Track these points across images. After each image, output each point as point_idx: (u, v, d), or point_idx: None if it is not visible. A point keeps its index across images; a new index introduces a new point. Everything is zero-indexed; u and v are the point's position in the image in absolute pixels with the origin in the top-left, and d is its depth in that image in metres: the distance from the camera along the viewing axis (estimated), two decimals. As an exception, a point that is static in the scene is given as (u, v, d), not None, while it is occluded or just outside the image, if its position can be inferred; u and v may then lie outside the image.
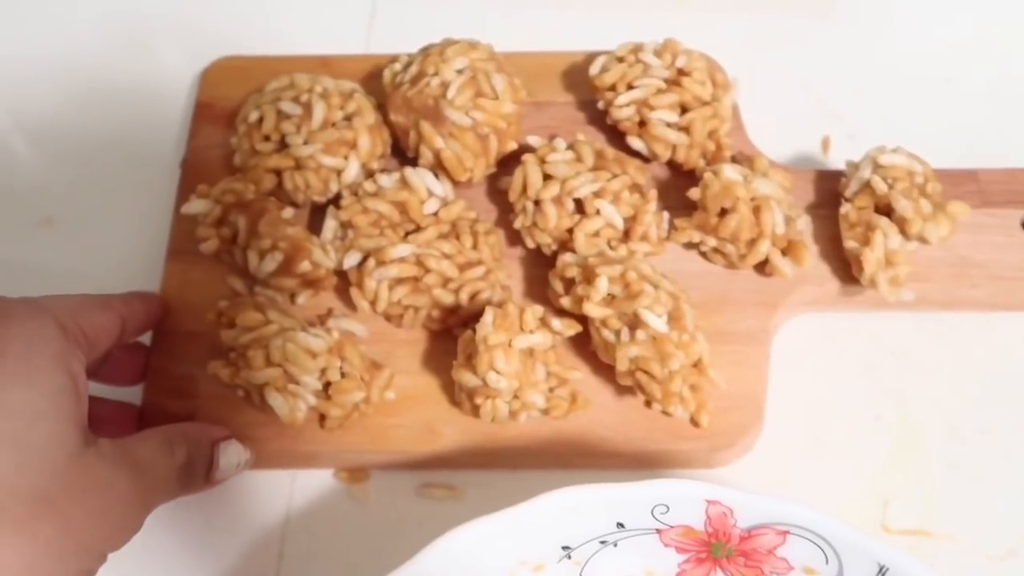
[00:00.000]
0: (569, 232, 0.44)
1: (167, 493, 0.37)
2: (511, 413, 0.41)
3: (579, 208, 0.44)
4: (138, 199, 0.51)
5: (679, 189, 0.46)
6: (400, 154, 0.48)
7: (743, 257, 0.44)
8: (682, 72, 0.47)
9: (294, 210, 0.45)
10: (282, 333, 0.41)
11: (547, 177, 0.44)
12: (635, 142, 0.47)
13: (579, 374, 0.42)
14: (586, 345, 0.43)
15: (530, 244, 0.45)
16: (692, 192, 0.45)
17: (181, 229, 0.47)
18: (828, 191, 0.47)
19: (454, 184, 0.46)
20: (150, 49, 0.57)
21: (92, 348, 0.37)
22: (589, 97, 0.49)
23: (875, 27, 0.56)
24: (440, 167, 0.46)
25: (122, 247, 0.50)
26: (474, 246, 0.45)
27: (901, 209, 0.43)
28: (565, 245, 0.44)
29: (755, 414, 0.42)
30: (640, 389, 0.41)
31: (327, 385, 0.41)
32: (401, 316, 0.44)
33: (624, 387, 0.42)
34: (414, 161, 0.47)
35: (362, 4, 0.58)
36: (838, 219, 0.45)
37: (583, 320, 0.42)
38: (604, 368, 0.43)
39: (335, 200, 0.46)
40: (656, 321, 0.40)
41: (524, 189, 0.45)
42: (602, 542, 0.36)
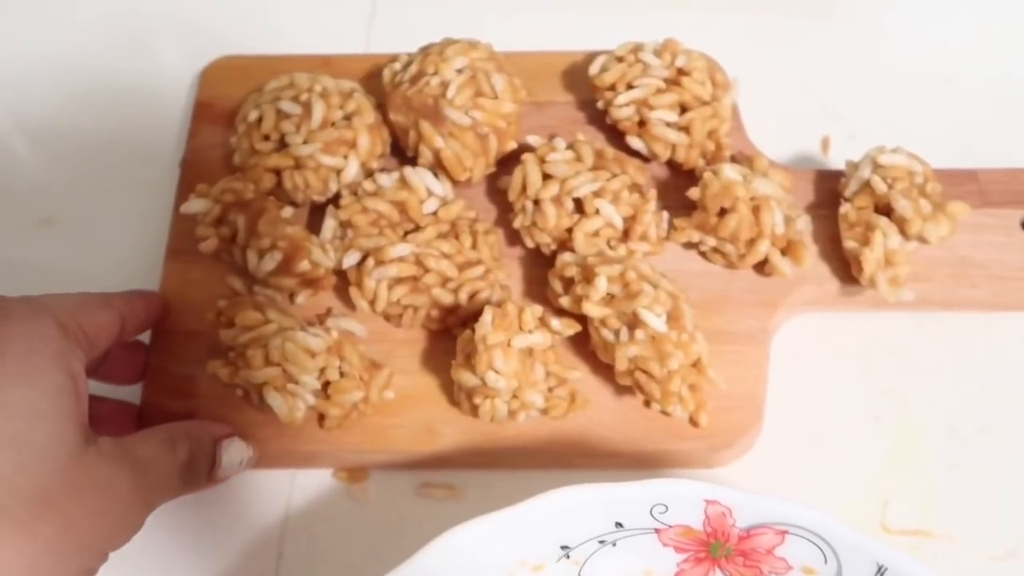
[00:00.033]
0: (568, 232, 0.44)
1: (169, 492, 0.37)
2: (510, 413, 0.41)
3: (578, 208, 0.44)
4: (138, 199, 0.51)
5: (679, 189, 0.46)
6: (400, 153, 0.48)
7: (742, 257, 0.44)
8: (682, 72, 0.47)
9: (293, 209, 0.45)
10: (281, 332, 0.41)
11: (547, 177, 0.44)
12: (635, 142, 0.47)
13: (578, 374, 0.42)
14: (585, 345, 0.43)
15: (529, 244, 0.45)
16: (692, 192, 0.45)
17: (181, 228, 0.47)
18: (828, 191, 0.47)
19: (453, 183, 0.46)
20: (150, 49, 0.57)
21: (92, 347, 0.37)
22: (589, 97, 0.49)
23: (875, 27, 0.56)
24: (440, 166, 0.46)
25: (122, 246, 0.50)
26: (473, 246, 0.45)
27: (901, 209, 0.43)
28: (564, 245, 0.44)
29: (754, 414, 0.42)
30: (639, 389, 0.41)
31: (326, 385, 0.41)
32: (400, 316, 0.44)
33: (623, 387, 0.42)
34: (414, 160, 0.47)
35: (362, 4, 0.58)
36: (838, 219, 0.45)
37: (582, 320, 0.42)
38: (603, 368, 0.43)
39: (334, 199, 0.46)
40: (655, 321, 0.40)
41: (523, 189, 0.45)
42: (601, 542, 0.36)
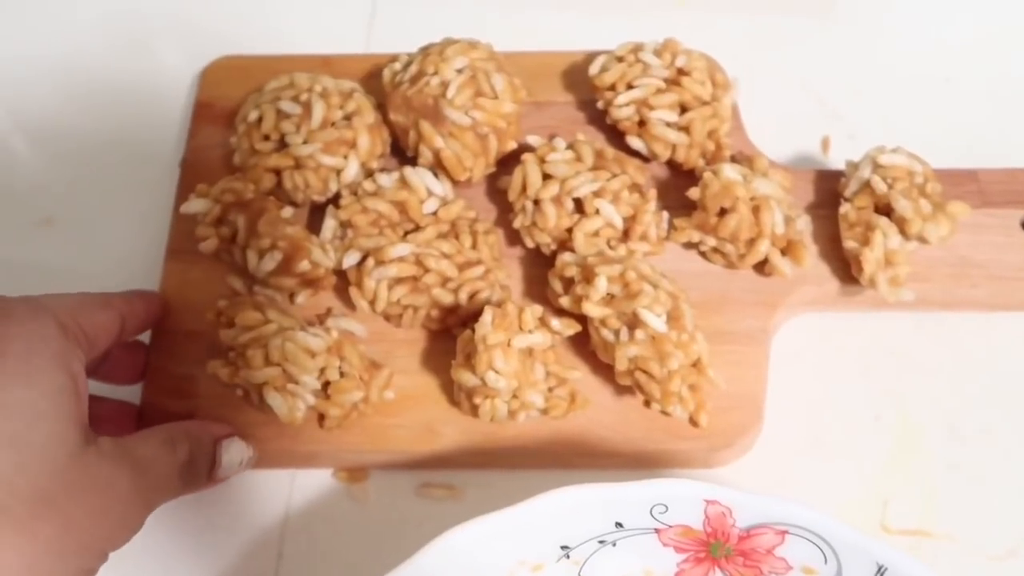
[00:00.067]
0: (568, 232, 0.44)
1: (169, 492, 0.37)
2: (510, 413, 0.41)
3: (578, 208, 0.44)
4: (138, 199, 0.51)
5: (679, 189, 0.46)
6: (400, 153, 0.48)
7: (742, 257, 0.44)
8: (682, 72, 0.47)
9: (293, 209, 0.45)
10: (281, 332, 0.41)
11: (546, 177, 0.44)
12: (635, 142, 0.47)
13: (578, 374, 0.42)
14: (585, 345, 0.43)
15: (529, 244, 0.45)
16: (692, 192, 0.45)
17: (180, 228, 0.47)
18: (828, 191, 0.47)
19: (453, 183, 0.46)
20: (150, 49, 0.57)
21: (92, 347, 0.37)
22: (589, 97, 0.49)
23: (875, 27, 0.56)
24: (440, 166, 0.46)
25: (122, 246, 0.50)
26: (473, 246, 0.45)
27: (901, 209, 0.43)
28: (564, 245, 0.44)
29: (754, 414, 0.42)
30: (639, 389, 0.41)
31: (326, 385, 0.41)
32: (400, 316, 0.44)
33: (623, 387, 0.42)
34: (413, 160, 0.47)
35: (362, 4, 0.58)
36: (838, 219, 0.45)
37: (582, 320, 0.42)
38: (603, 368, 0.43)
39: (334, 199, 0.46)
40: (655, 321, 0.40)
41: (523, 189, 0.45)
42: (601, 542, 0.36)
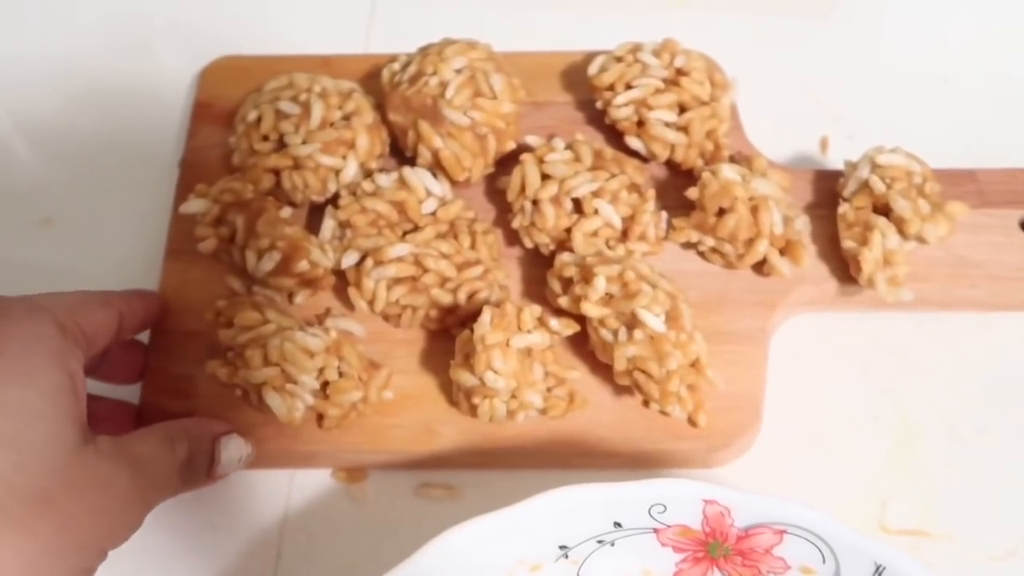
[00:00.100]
0: (567, 232, 0.44)
1: (168, 490, 0.37)
2: (509, 413, 0.41)
3: (577, 208, 0.44)
4: (137, 199, 0.51)
5: (677, 189, 0.46)
6: (398, 154, 0.48)
7: (741, 257, 0.44)
8: (680, 72, 0.47)
9: (292, 209, 0.45)
10: (280, 332, 0.41)
11: (545, 177, 0.44)
12: (633, 142, 0.47)
13: (577, 374, 0.42)
14: (584, 345, 0.43)
15: (528, 244, 0.45)
16: (690, 192, 0.45)
17: (180, 229, 0.47)
18: (826, 191, 0.47)
19: (452, 184, 0.46)
20: (149, 50, 0.57)
21: (90, 346, 0.37)
22: (588, 97, 0.49)
23: (874, 27, 0.56)
24: (438, 167, 0.46)
25: (121, 247, 0.50)
26: (472, 246, 0.45)
27: (899, 209, 0.43)
28: (563, 245, 0.44)
29: (753, 414, 0.42)
30: (638, 389, 0.41)
31: (325, 385, 0.41)
32: (399, 316, 0.44)
33: (622, 387, 0.42)
34: (412, 161, 0.47)
35: (361, 4, 0.58)
36: (836, 219, 0.45)
37: (581, 320, 0.42)
38: (602, 368, 0.43)
39: (333, 200, 0.46)
40: (654, 321, 0.40)
41: (522, 189, 0.45)
42: (599, 541, 0.36)
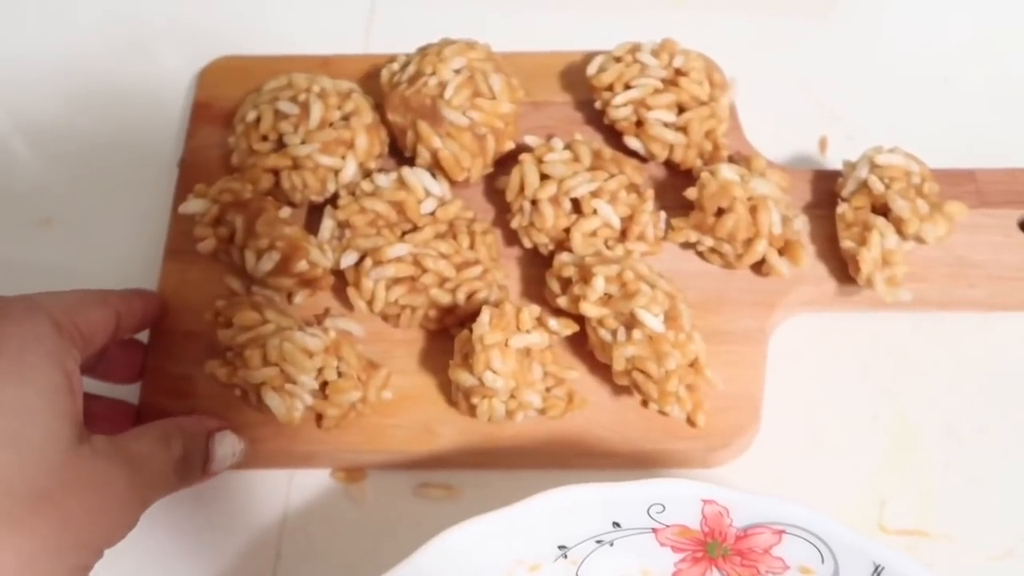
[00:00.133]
0: (566, 232, 0.44)
1: (164, 488, 0.37)
2: (508, 413, 0.41)
3: (576, 208, 0.44)
4: (136, 199, 0.51)
5: (676, 189, 0.46)
6: (398, 154, 0.48)
7: (740, 257, 0.44)
8: (679, 72, 0.47)
9: (291, 210, 0.45)
10: (279, 332, 0.41)
11: (544, 177, 0.44)
12: (632, 142, 0.47)
13: (576, 374, 0.42)
14: (583, 345, 0.43)
15: (527, 244, 0.45)
16: (689, 192, 0.45)
17: (179, 229, 0.47)
18: (825, 191, 0.47)
19: (451, 184, 0.46)
20: (149, 50, 0.57)
21: (87, 345, 0.37)
22: (587, 97, 0.49)
23: (873, 28, 0.56)
24: (437, 167, 0.46)
25: (120, 247, 0.50)
26: (471, 246, 0.45)
27: (898, 209, 0.43)
28: (562, 245, 0.44)
29: (752, 414, 0.42)
30: (637, 389, 0.41)
31: (324, 385, 0.41)
32: (398, 316, 0.44)
33: (621, 387, 0.42)
34: (411, 161, 0.47)
35: (361, 4, 0.58)
36: (835, 219, 0.45)
37: (580, 320, 0.42)
38: (601, 368, 0.43)
39: (332, 200, 0.46)
40: (653, 321, 0.40)
41: (521, 189, 0.45)
42: (598, 541, 0.36)
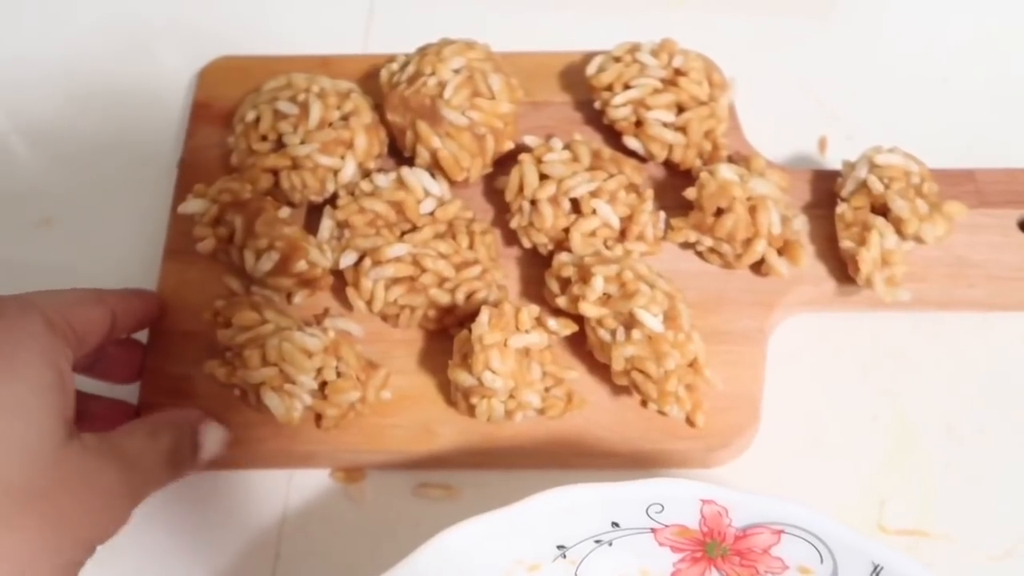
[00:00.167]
0: (565, 232, 0.44)
1: (157, 481, 0.37)
2: (507, 413, 0.41)
3: (575, 208, 0.44)
4: (136, 199, 0.51)
5: (675, 189, 0.46)
6: (397, 154, 0.48)
7: (739, 257, 0.44)
8: (679, 72, 0.47)
9: (291, 210, 0.45)
10: (278, 332, 0.41)
11: (543, 177, 0.44)
12: (631, 142, 0.47)
13: (575, 374, 0.42)
14: (582, 345, 0.43)
15: (526, 244, 0.45)
16: (688, 192, 0.45)
17: (178, 229, 0.47)
18: (825, 191, 0.47)
19: (451, 184, 0.46)
20: (148, 50, 0.57)
21: (81, 343, 0.37)
22: (586, 97, 0.49)
23: (873, 28, 0.56)
24: (437, 167, 0.46)
25: (120, 247, 0.50)
26: (470, 246, 0.45)
27: (897, 209, 0.43)
28: (561, 245, 0.44)
29: (751, 414, 0.42)
30: (636, 389, 0.41)
31: (323, 385, 0.41)
32: (397, 316, 0.44)
33: (620, 387, 0.42)
34: (411, 161, 0.47)
35: (360, 4, 0.58)
36: (834, 219, 0.45)
37: (579, 320, 0.42)
38: (600, 368, 0.43)
39: (332, 200, 0.46)
40: (652, 321, 0.40)
41: (520, 189, 0.45)
42: (597, 541, 0.36)
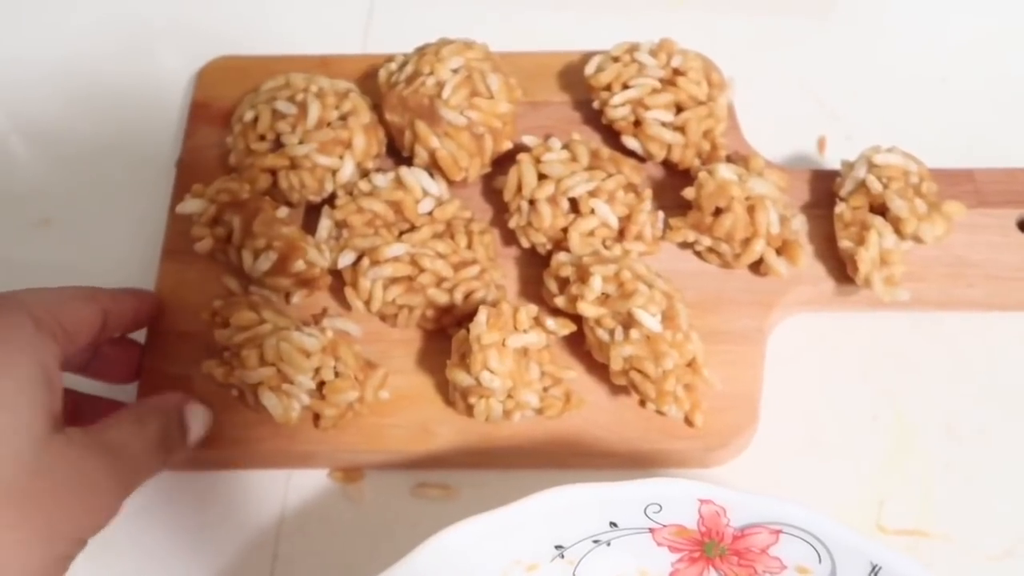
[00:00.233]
0: (564, 231, 0.44)
1: (148, 469, 0.37)
2: (505, 412, 0.41)
3: (574, 207, 0.44)
4: (134, 199, 0.51)
5: (674, 189, 0.46)
6: (395, 154, 0.48)
7: (738, 256, 0.44)
8: (677, 72, 0.46)
9: (289, 209, 0.45)
10: (276, 332, 0.41)
11: (542, 177, 0.44)
12: (630, 142, 0.47)
13: (573, 373, 0.42)
14: (580, 344, 0.43)
15: (525, 244, 0.45)
16: (687, 191, 0.45)
17: (176, 229, 0.47)
18: (824, 191, 0.47)
19: (449, 183, 0.46)
20: (147, 50, 0.57)
21: (70, 340, 0.37)
22: (585, 97, 0.49)
23: (872, 28, 0.56)
24: (435, 166, 0.46)
25: (118, 247, 0.50)
26: (469, 245, 0.45)
27: (896, 209, 0.43)
28: (560, 244, 0.44)
29: (750, 414, 0.42)
30: (634, 388, 0.41)
31: (321, 385, 0.41)
32: (395, 316, 0.44)
33: (618, 387, 0.42)
34: (409, 160, 0.47)
35: (359, 4, 0.58)
36: (833, 219, 0.45)
37: (577, 319, 0.42)
38: (598, 367, 0.43)
39: (330, 200, 0.46)
40: (650, 320, 0.40)
41: (519, 188, 0.45)
42: (595, 541, 0.36)
